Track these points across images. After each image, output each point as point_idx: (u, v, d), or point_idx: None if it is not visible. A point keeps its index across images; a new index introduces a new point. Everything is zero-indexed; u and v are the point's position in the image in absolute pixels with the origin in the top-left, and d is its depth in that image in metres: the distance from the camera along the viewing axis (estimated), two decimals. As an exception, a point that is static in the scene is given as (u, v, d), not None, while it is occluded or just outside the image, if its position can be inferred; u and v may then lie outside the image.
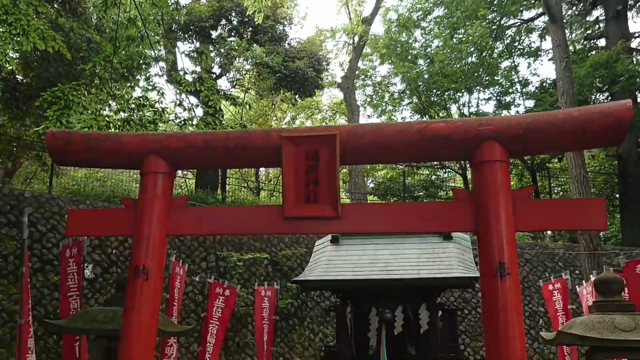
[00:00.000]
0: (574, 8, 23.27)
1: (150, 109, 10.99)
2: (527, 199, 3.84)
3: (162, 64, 16.17)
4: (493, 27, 22.49)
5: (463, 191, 4.18)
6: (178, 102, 11.53)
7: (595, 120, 3.66)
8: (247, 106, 13.25)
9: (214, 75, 20.52)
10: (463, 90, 23.37)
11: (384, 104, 25.62)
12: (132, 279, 3.79)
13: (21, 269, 6.69)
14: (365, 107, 26.85)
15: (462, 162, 26.04)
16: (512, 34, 23.70)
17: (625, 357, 4.78)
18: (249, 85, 20.85)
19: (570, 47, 20.70)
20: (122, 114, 11.77)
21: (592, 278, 11.31)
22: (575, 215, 3.79)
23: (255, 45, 19.91)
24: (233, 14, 20.38)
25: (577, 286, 12.52)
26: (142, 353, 3.74)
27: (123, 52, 11.73)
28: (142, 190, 3.96)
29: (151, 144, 4.09)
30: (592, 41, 22.69)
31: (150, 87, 12.51)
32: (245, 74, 21.27)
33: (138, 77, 13.72)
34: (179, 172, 25.23)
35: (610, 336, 4.45)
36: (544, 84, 23.10)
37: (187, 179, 23.02)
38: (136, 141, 4.13)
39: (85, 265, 7.62)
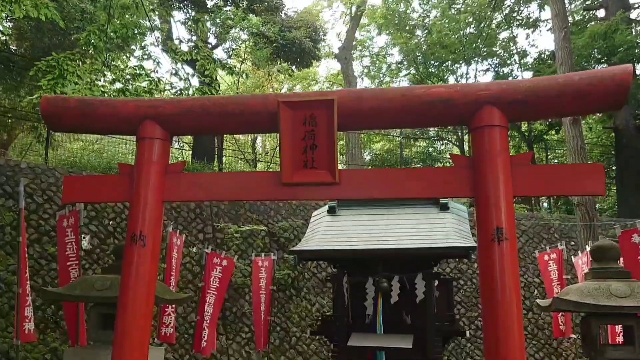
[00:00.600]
0: (574, -22, 23.04)
1: (146, 79, 10.88)
2: (525, 164, 3.82)
3: (157, 33, 15.98)
4: (492, -3, 22.28)
5: (462, 157, 4.15)
6: (174, 71, 11.43)
7: (595, 85, 3.63)
8: (244, 75, 13.11)
9: (210, 46, 20.31)
10: (461, 62, 23.24)
11: (381, 75, 25.50)
12: (129, 246, 3.78)
13: (18, 239, 6.68)
14: (362, 79, 26.72)
15: (460, 133, 26.00)
16: (511, 4, 23.49)
17: (620, 324, 4.82)
18: (245, 56, 20.67)
19: (570, 18, 20.52)
20: (117, 84, 11.67)
21: (588, 248, 11.41)
22: (574, 180, 3.77)
23: (251, 14, 19.69)
24: (229, -18, 20.14)
25: (572, 257, 12.61)
26: (139, 319, 3.74)
27: (117, 22, 11.58)
28: (138, 156, 3.93)
29: (146, 109, 4.04)
30: (591, 12, 22.49)
31: (145, 57, 12.38)
32: (241, 44, 21.08)
33: (133, 46, 13.57)
34: (175, 144, 25.14)
35: (606, 302, 4.48)
36: (542, 56, 22.98)
37: (183, 151, 22.97)
38: (131, 106, 4.08)
39: (82, 236, 7.61)
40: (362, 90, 3.95)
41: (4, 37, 15.25)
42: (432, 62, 23.63)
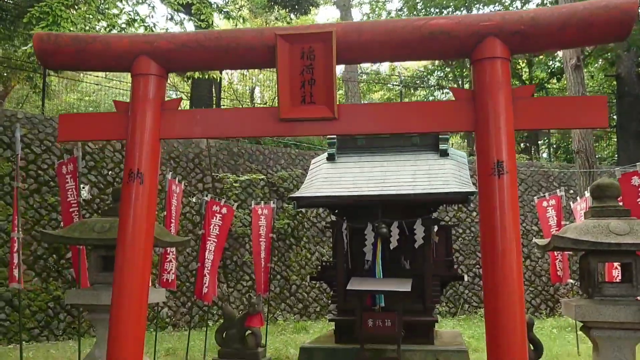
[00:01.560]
0: None
1: (141, 24, 10.69)
2: (527, 97, 3.75)
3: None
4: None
5: (462, 90, 4.07)
6: (169, 16, 11.21)
7: (600, 14, 3.53)
8: (241, 19, 12.89)
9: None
10: (462, 8, 22.82)
11: (380, 23, 25.05)
12: (127, 183, 3.74)
13: (14, 184, 6.66)
14: (361, 27, 26.22)
15: (460, 82, 25.73)
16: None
17: (619, 261, 4.84)
18: (242, 3, 20.28)
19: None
20: (113, 31, 11.47)
21: (587, 194, 11.41)
22: (576, 113, 3.71)
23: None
24: None
25: (571, 204, 12.66)
26: (139, 258, 3.73)
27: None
28: (134, 93, 3.86)
29: (141, 45, 3.94)
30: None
31: (140, 1, 12.13)
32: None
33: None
34: (173, 95, 24.82)
35: (605, 240, 4.48)
36: (545, 1, 22.55)
37: (181, 100, 22.73)
38: (126, 42, 3.98)
39: (82, 186, 7.59)
40: (361, 22, 3.84)
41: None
42: (433, 9, 23.24)
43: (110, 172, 14.91)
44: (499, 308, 3.25)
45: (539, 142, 24.37)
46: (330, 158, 10.18)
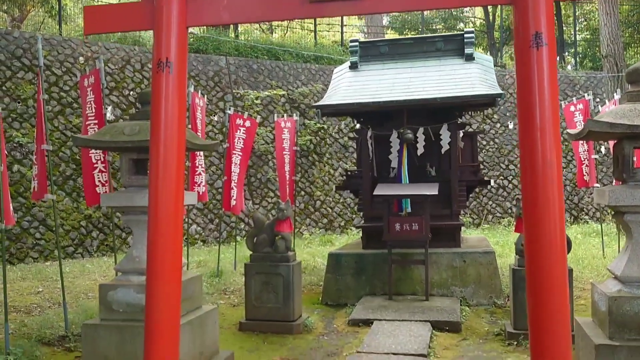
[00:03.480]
0: None
1: None
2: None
3: None
4: None
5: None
6: None
7: None
8: None
9: None
10: None
11: None
12: (156, 73, 3.68)
13: (39, 96, 6.65)
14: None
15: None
16: None
17: (655, 147, 4.75)
18: None
19: None
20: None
21: (616, 96, 11.18)
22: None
23: None
24: None
25: (600, 107, 12.43)
26: (172, 154, 3.70)
27: None
28: (158, -18, 3.76)
29: None
30: None
31: None
32: None
33: None
34: None
35: (641, 123, 4.38)
36: None
37: None
38: None
39: (105, 106, 7.53)
40: None
41: None
42: None
43: (131, 92, 14.90)
44: (537, 183, 3.22)
45: (565, 53, 23.70)
46: (353, 66, 10.03)
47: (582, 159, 11.43)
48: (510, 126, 19.51)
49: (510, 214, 18.20)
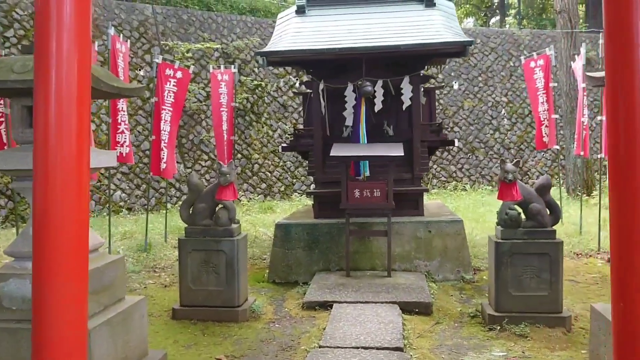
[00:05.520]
0: None
1: None
2: None
3: None
4: None
5: None
6: None
7: None
8: None
9: None
10: None
11: None
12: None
13: None
14: None
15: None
16: None
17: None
18: None
19: None
20: None
21: (583, 51, 10.42)
22: None
23: None
24: None
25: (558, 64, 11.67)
26: (70, 98, 2.45)
27: None
28: None
29: None
30: None
31: None
32: None
33: None
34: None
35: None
36: None
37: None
38: None
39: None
40: None
41: None
42: None
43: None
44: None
45: (506, 12, 23.11)
46: (300, 11, 8.77)
47: (542, 119, 10.69)
48: (455, 86, 18.76)
49: (455, 177, 17.59)
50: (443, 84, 18.03)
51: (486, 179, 17.75)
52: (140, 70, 14.41)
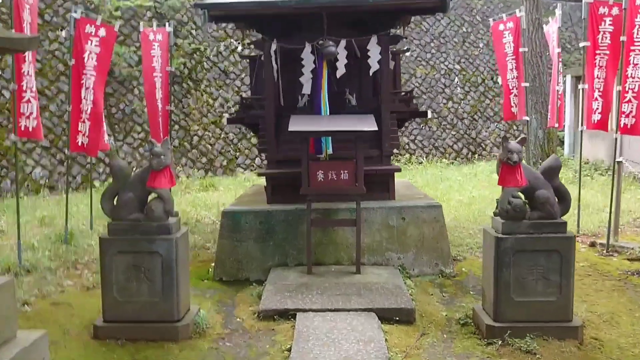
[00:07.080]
0: None
1: None
2: None
3: None
4: None
5: None
6: None
7: None
8: None
9: None
10: None
11: None
12: None
13: None
14: None
15: None
16: None
17: None
18: None
19: None
20: None
21: (558, 13, 9.52)
22: None
23: None
24: None
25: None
26: None
27: None
28: None
29: None
30: None
31: None
32: None
33: None
34: None
35: None
36: None
37: None
38: None
39: None
40: None
41: None
42: None
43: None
44: None
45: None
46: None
47: (511, 88, 9.75)
48: (407, 53, 17.73)
49: (408, 150, 16.69)
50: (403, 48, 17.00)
51: (439, 151, 16.93)
52: (62, 30, 12.68)
